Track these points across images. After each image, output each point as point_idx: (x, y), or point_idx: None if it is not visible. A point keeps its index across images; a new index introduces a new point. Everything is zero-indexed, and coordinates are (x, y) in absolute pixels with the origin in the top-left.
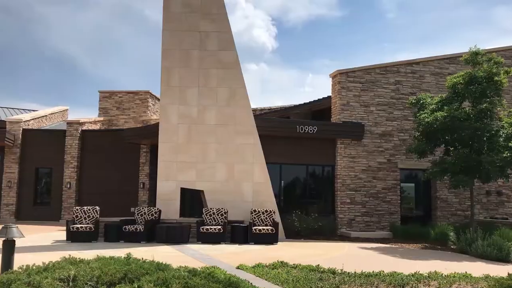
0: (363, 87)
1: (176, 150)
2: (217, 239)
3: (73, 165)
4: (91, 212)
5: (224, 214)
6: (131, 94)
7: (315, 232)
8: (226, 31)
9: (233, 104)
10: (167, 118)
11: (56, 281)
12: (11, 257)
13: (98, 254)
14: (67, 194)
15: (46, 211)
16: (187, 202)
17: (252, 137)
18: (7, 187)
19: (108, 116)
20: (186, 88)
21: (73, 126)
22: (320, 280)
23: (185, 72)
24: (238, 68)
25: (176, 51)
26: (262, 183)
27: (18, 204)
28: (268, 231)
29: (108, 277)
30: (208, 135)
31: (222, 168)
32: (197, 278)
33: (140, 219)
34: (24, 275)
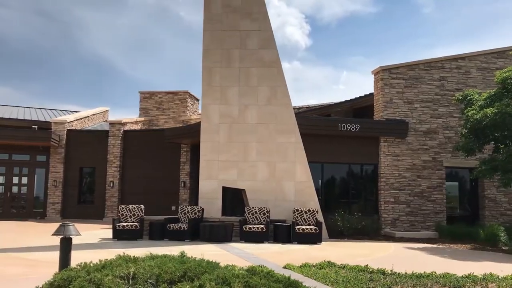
0: (407, 83)
1: (218, 150)
2: (260, 238)
3: (115, 165)
4: (136, 210)
5: (267, 213)
6: (171, 95)
7: (359, 232)
8: (267, 29)
9: (274, 103)
10: (209, 118)
11: (117, 278)
12: (68, 254)
13: (148, 252)
14: (110, 193)
15: (90, 210)
16: (228, 201)
17: (293, 136)
18: (53, 186)
19: (149, 116)
20: (227, 88)
21: (115, 127)
22: (370, 280)
23: (226, 71)
24: (279, 67)
25: (217, 51)
26: (304, 182)
27: (63, 203)
28: (311, 231)
29: (168, 275)
30: (249, 134)
31: (263, 167)
32: (257, 277)
33: (184, 217)
34: (83, 272)
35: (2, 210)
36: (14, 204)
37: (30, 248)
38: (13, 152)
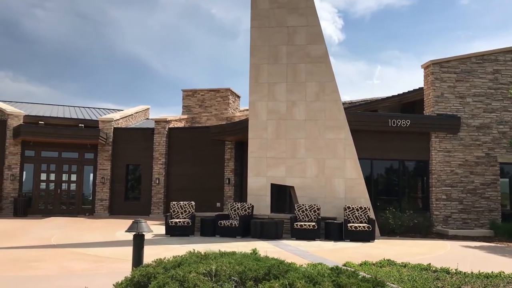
0: (458, 77)
1: (266, 146)
2: (311, 236)
3: (161, 162)
4: (187, 207)
5: (317, 211)
6: (213, 92)
7: (410, 230)
8: (315, 24)
9: (323, 99)
10: (256, 115)
11: (200, 275)
12: (141, 250)
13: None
14: (156, 189)
15: (136, 206)
16: (274, 197)
17: (343, 132)
18: (101, 183)
19: (191, 114)
20: (274, 84)
21: (160, 124)
22: (437, 279)
23: (273, 68)
24: (327, 62)
25: (264, 47)
26: (354, 179)
27: (111, 199)
28: (364, 229)
29: (253, 273)
30: (297, 130)
31: (312, 164)
32: (344, 276)
33: (234, 214)
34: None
35: (53, 207)
36: (63, 201)
37: (88, 244)
38: (62, 150)
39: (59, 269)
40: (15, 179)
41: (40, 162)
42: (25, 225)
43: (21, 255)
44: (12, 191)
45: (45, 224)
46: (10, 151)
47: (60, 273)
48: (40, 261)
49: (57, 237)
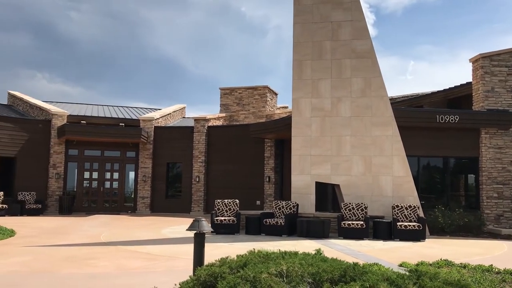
0: (510, 71)
1: (310, 144)
2: (360, 235)
3: (201, 160)
4: (231, 205)
5: (365, 209)
6: (250, 90)
7: (460, 229)
8: (360, 19)
9: (369, 95)
10: (300, 112)
11: (272, 276)
12: (202, 249)
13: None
14: (196, 187)
15: (177, 204)
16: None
17: (390, 128)
18: (143, 181)
19: (229, 112)
20: (318, 81)
21: (200, 123)
22: (503, 281)
23: (317, 64)
24: (373, 57)
25: (308, 43)
26: (402, 176)
27: (152, 197)
28: (414, 228)
29: (328, 274)
30: (342, 127)
31: (358, 161)
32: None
33: (279, 212)
34: (226, 268)
35: (96, 204)
36: (106, 199)
37: (138, 242)
38: (105, 148)
39: (116, 267)
40: (59, 177)
41: (83, 161)
42: (71, 223)
43: (77, 253)
44: (57, 189)
45: (91, 222)
46: (55, 150)
47: (118, 271)
48: (96, 259)
49: (106, 235)
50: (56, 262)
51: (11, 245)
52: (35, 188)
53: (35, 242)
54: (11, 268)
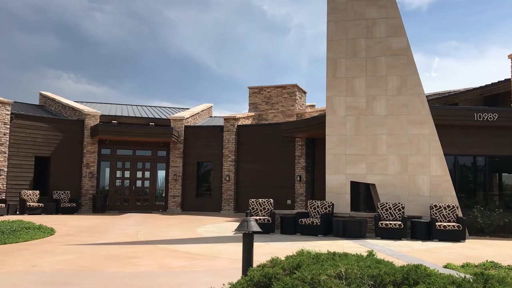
0: None
1: (344, 143)
2: (397, 235)
3: (231, 159)
4: (265, 204)
5: (402, 209)
6: (279, 89)
7: (500, 229)
8: (395, 16)
9: (405, 93)
10: (334, 110)
11: (332, 278)
12: (251, 249)
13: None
14: (226, 186)
15: (207, 202)
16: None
17: (427, 127)
18: (173, 180)
19: (258, 111)
20: (353, 79)
21: (229, 122)
22: None
23: (352, 62)
24: (409, 54)
25: (342, 41)
26: (440, 176)
27: (182, 196)
28: (453, 228)
29: (390, 277)
30: (378, 126)
31: (394, 161)
32: (494, 282)
33: (314, 212)
34: (279, 269)
35: (128, 203)
36: (138, 197)
37: (175, 241)
38: (136, 148)
39: (159, 266)
40: (93, 176)
41: (116, 160)
42: (106, 222)
43: (118, 252)
44: (90, 188)
45: (125, 220)
46: (88, 150)
47: (161, 270)
48: (138, 258)
49: (143, 234)
50: (100, 261)
51: (53, 243)
52: (69, 187)
53: (75, 241)
54: (57, 266)
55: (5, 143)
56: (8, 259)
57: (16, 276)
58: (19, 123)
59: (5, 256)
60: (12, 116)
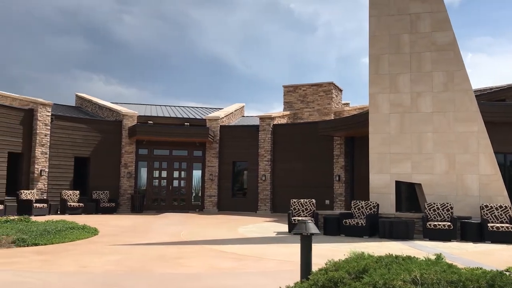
0: None
1: (389, 141)
2: (446, 236)
3: (266, 159)
4: (308, 204)
5: (450, 210)
6: (315, 87)
7: None
8: (440, 10)
9: (451, 89)
10: (377, 108)
11: (407, 283)
12: (310, 252)
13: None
14: (262, 186)
15: (243, 202)
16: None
17: (475, 124)
18: (209, 179)
19: (293, 110)
20: (396, 75)
21: (265, 121)
22: None
23: (395, 58)
24: (456, 49)
25: (385, 37)
26: (490, 175)
27: (219, 196)
28: (508, 229)
29: (473, 284)
30: (423, 124)
31: (441, 159)
32: None
33: (358, 213)
34: (344, 273)
35: (165, 203)
36: (175, 197)
37: (219, 241)
38: (173, 148)
39: (208, 267)
40: (131, 176)
41: (153, 160)
42: (146, 221)
43: (165, 252)
44: (128, 188)
45: (164, 220)
46: (126, 150)
47: (211, 271)
48: (186, 258)
49: (185, 234)
50: (148, 261)
51: (98, 243)
52: (108, 187)
53: (120, 241)
54: (107, 267)
55: (46, 144)
56: (57, 259)
57: (68, 277)
58: (59, 124)
59: (54, 256)
60: (53, 118)
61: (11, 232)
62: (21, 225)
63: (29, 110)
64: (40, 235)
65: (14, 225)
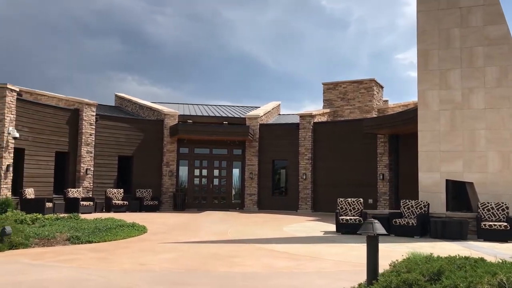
0: None
1: (438, 139)
2: (503, 237)
3: (307, 157)
4: (355, 204)
5: (506, 209)
6: (355, 84)
7: None
8: (493, 3)
9: (506, 84)
10: (427, 105)
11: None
12: (377, 253)
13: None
14: (303, 185)
15: (284, 201)
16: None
17: None
18: (249, 178)
19: (333, 107)
20: (446, 71)
21: (305, 119)
22: None
23: (445, 53)
24: (510, 43)
25: (434, 32)
26: None
27: (259, 194)
28: None
29: None
30: (475, 120)
31: (494, 157)
32: None
33: (407, 212)
34: (418, 275)
35: (206, 201)
36: (215, 195)
37: (268, 240)
38: (213, 146)
39: (263, 266)
40: (172, 175)
41: (193, 159)
42: (190, 219)
43: (218, 250)
44: (170, 187)
45: (207, 218)
46: (168, 149)
47: (268, 271)
48: (240, 257)
49: (232, 232)
50: (203, 260)
51: (150, 241)
52: (150, 185)
53: (170, 238)
54: (165, 265)
55: (91, 143)
56: (114, 257)
57: (130, 275)
58: (103, 124)
59: (110, 253)
60: (97, 117)
61: (64, 229)
62: (71, 222)
63: (75, 110)
64: (92, 232)
65: (65, 223)
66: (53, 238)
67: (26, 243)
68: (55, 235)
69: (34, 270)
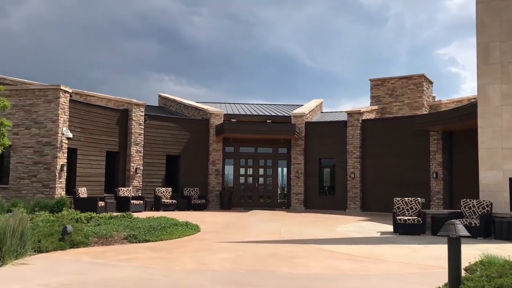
0: None
1: (501, 136)
2: None
3: (355, 155)
4: (412, 203)
5: None
6: (404, 80)
7: None
8: None
9: None
10: (487, 100)
11: None
12: (459, 255)
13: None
14: (351, 184)
15: (331, 200)
16: None
17: None
18: (295, 177)
19: (381, 104)
20: (509, 64)
21: (353, 117)
22: None
23: (507, 45)
24: None
25: (494, 23)
26: None
27: (305, 193)
28: None
29: None
30: None
31: None
32: None
33: (469, 212)
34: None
35: (252, 200)
36: (261, 194)
37: (325, 240)
38: (258, 145)
39: (326, 268)
40: (218, 174)
41: (239, 158)
42: (238, 218)
43: (276, 250)
44: (216, 185)
45: (255, 217)
46: (214, 148)
47: (333, 273)
48: (299, 258)
49: (285, 232)
50: (263, 260)
51: (205, 240)
52: (197, 184)
53: (224, 238)
54: (225, 265)
55: (141, 143)
56: (174, 256)
57: (193, 275)
58: (150, 124)
59: (168, 253)
60: (146, 117)
61: (120, 228)
62: (125, 221)
63: (124, 111)
64: (148, 231)
65: (119, 222)
66: (111, 237)
67: (86, 242)
68: (113, 234)
69: (97, 269)
